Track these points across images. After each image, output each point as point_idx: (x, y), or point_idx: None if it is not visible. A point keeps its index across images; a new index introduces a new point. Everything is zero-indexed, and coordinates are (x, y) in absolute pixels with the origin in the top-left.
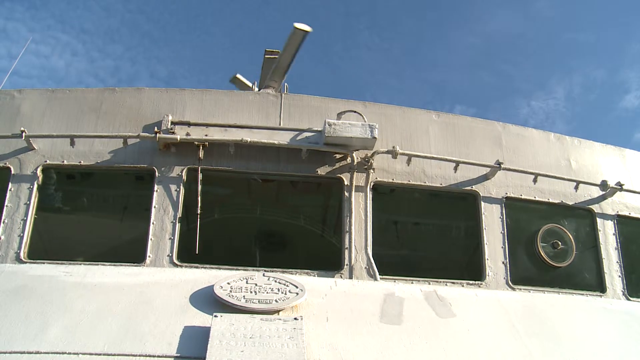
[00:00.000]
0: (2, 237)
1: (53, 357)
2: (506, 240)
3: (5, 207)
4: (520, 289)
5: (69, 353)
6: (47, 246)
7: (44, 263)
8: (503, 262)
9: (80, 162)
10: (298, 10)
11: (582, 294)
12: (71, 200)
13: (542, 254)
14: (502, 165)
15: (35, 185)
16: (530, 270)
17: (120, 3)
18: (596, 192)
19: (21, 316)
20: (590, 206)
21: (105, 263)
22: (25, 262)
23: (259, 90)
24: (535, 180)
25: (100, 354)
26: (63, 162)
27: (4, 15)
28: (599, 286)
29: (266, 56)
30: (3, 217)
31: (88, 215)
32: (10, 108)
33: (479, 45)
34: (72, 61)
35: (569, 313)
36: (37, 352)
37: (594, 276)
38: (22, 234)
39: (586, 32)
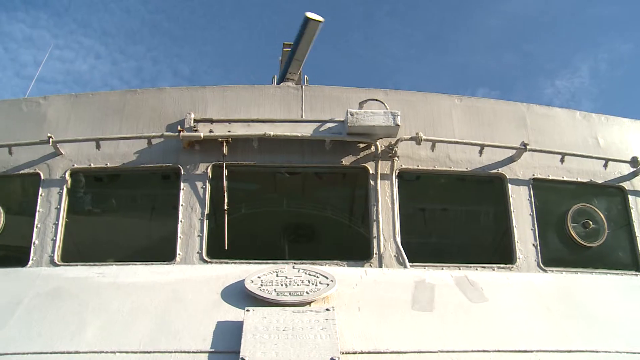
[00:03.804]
0: (36, 242)
1: (91, 357)
2: (535, 222)
3: (37, 212)
4: (552, 271)
5: (107, 352)
6: (79, 248)
7: (77, 265)
8: (533, 244)
9: (106, 164)
10: (317, 1)
11: (617, 274)
12: (100, 202)
13: (573, 234)
14: (527, 147)
15: (65, 190)
16: (562, 251)
17: (140, 4)
18: (626, 169)
19: (59, 317)
20: (620, 184)
21: (136, 263)
22: (60, 265)
23: (279, 83)
24: (562, 160)
25: (136, 352)
26: (90, 165)
27: (29, 23)
28: (634, 265)
29: (285, 49)
30: (36, 222)
31: (117, 216)
32: (37, 115)
33: (500, 26)
34: (96, 64)
35: (603, 293)
36: (76, 352)
37: (627, 255)
38: (54, 238)
39: (611, 5)
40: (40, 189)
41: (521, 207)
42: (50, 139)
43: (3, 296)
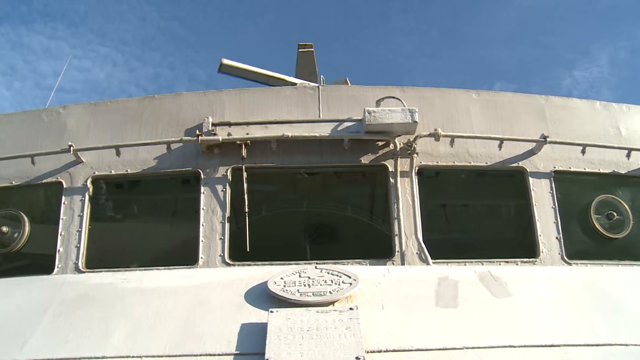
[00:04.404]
0: (61, 249)
1: None
2: (558, 215)
3: (60, 220)
4: (577, 264)
5: (133, 357)
6: (102, 255)
7: (101, 271)
8: (557, 238)
9: (127, 170)
10: (330, 1)
11: None
12: (122, 208)
13: (597, 226)
14: (547, 139)
15: (87, 197)
16: (586, 243)
17: (154, 11)
18: None
19: (85, 323)
20: None
21: (159, 267)
22: (84, 272)
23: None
24: (583, 152)
25: (162, 356)
26: (111, 172)
27: (47, 35)
28: None
29: (300, 50)
30: (60, 230)
31: (139, 221)
32: (57, 124)
33: (515, 18)
34: (113, 72)
35: (630, 285)
36: (103, 357)
37: None
38: (78, 245)
39: None
40: (63, 197)
41: (543, 200)
42: (71, 148)
43: (30, 304)
